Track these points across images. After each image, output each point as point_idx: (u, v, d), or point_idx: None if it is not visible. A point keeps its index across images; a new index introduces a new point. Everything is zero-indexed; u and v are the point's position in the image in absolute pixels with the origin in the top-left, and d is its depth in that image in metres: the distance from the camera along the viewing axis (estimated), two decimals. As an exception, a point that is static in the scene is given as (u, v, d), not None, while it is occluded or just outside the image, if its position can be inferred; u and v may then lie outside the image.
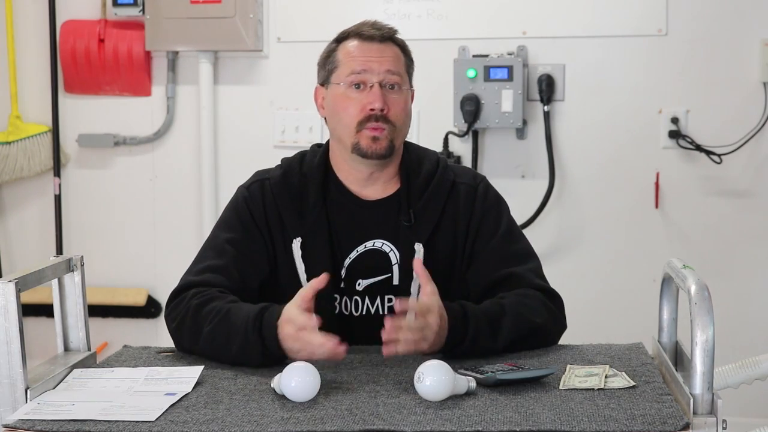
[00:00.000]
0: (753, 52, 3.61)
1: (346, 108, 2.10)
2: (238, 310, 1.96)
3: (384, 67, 2.09)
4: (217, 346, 1.94)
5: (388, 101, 2.09)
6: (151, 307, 4.06)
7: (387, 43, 2.13)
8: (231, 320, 1.94)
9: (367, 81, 2.09)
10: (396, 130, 2.10)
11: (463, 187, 2.17)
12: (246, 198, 2.16)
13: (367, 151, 2.09)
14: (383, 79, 2.09)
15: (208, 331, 1.95)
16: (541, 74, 3.71)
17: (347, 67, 2.10)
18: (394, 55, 2.13)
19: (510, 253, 2.13)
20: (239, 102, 3.97)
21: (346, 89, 2.10)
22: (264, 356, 1.89)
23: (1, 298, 1.70)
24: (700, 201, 3.69)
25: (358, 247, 2.13)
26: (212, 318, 1.96)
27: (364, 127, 2.08)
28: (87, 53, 3.97)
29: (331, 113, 2.14)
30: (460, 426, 1.54)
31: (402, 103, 2.12)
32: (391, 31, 2.15)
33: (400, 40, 2.17)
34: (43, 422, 1.59)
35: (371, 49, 2.11)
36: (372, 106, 2.07)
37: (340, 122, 2.11)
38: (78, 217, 4.09)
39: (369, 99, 2.08)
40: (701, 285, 1.62)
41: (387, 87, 2.10)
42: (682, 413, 1.57)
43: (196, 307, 1.99)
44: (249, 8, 3.83)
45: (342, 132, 2.11)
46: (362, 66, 2.09)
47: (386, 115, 2.08)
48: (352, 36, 2.13)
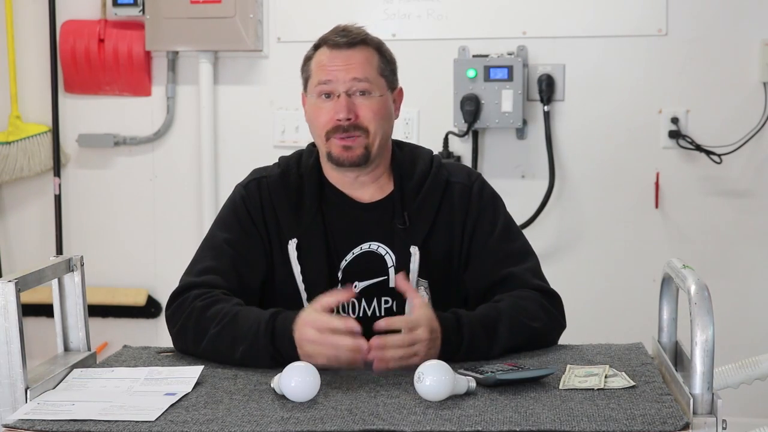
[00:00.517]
0: (753, 52, 3.61)
1: (317, 117, 2.11)
2: (248, 312, 1.96)
3: (350, 76, 2.08)
4: (222, 349, 1.93)
5: (357, 108, 2.08)
6: (151, 307, 4.06)
7: (356, 48, 2.11)
8: (239, 323, 1.93)
9: (334, 91, 2.09)
10: (371, 135, 2.09)
11: (457, 186, 2.16)
12: (244, 197, 2.16)
13: (340, 160, 2.09)
14: (349, 88, 2.08)
15: (214, 333, 1.94)
16: (541, 74, 3.71)
17: (315, 77, 2.11)
18: (363, 60, 2.10)
19: (507, 252, 2.13)
20: (239, 102, 3.97)
21: (317, 99, 2.11)
22: (273, 360, 1.88)
23: (1, 298, 1.70)
24: (700, 201, 3.69)
25: (354, 249, 2.12)
26: (219, 320, 1.95)
27: (332, 136, 2.09)
28: (87, 53, 3.97)
29: (308, 121, 2.16)
30: (460, 426, 1.54)
31: (374, 107, 2.10)
32: (360, 35, 2.12)
33: (374, 41, 2.14)
34: (43, 422, 1.59)
35: (338, 57, 2.10)
36: (337, 117, 2.07)
37: (315, 131, 2.13)
38: (78, 217, 4.10)
39: (336, 109, 2.08)
40: (701, 285, 1.62)
41: (357, 94, 2.09)
42: (682, 413, 1.57)
43: (201, 308, 1.99)
44: (249, 8, 3.83)
45: (317, 140, 2.14)
46: (328, 76, 2.08)
47: (356, 122, 2.08)
48: (322, 44, 2.13)
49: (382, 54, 2.14)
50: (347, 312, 2.12)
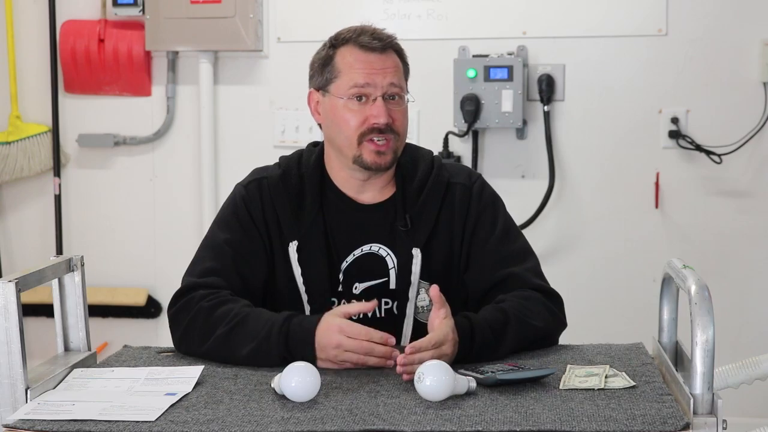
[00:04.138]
0: (753, 52, 3.61)
1: (348, 120, 2.08)
2: (259, 313, 1.97)
3: (387, 81, 2.07)
4: (229, 347, 1.93)
5: (391, 113, 2.07)
6: (151, 307, 4.06)
7: (388, 53, 2.11)
8: (250, 324, 1.94)
9: (370, 94, 2.07)
10: (399, 140, 2.10)
11: (458, 187, 2.16)
12: (244, 197, 2.15)
13: (371, 165, 2.08)
14: (386, 92, 2.08)
15: (222, 333, 1.94)
16: (541, 74, 3.70)
17: (349, 79, 2.08)
18: (395, 65, 2.11)
19: (508, 253, 2.13)
20: (239, 102, 3.97)
21: (347, 101, 2.08)
22: (283, 360, 1.85)
23: (1, 298, 1.70)
24: (700, 201, 3.69)
25: (354, 251, 2.12)
26: (229, 320, 1.95)
27: (365, 139, 2.07)
28: (87, 53, 3.97)
29: (329, 123, 2.12)
30: (460, 426, 1.54)
31: (404, 112, 2.11)
32: (391, 39, 2.12)
33: (398, 45, 2.14)
34: (43, 422, 1.59)
35: (373, 61, 2.08)
36: (376, 121, 2.06)
37: (341, 133, 2.09)
38: (78, 217, 4.09)
39: (372, 112, 2.06)
40: (701, 285, 1.62)
41: (388, 98, 2.08)
42: (682, 413, 1.57)
43: (209, 308, 1.99)
44: (249, 8, 3.82)
45: (342, 143, 2.10)
46: (365, 80, 2.07)
47: (391, 125, 2.08)
48: (351, 43, 2.10)
49: (403, 60, 2.15)
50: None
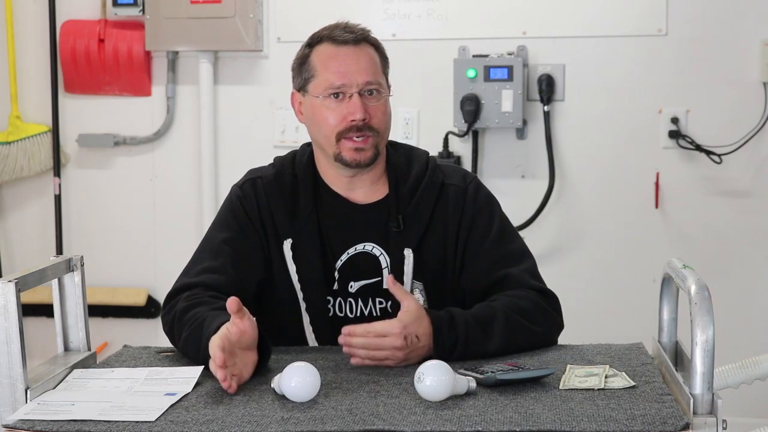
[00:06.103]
0: (753, 52, 3.61)
1: (326, 119, 2.08)
2: (214, 318, 1.87)
3: (362, 76, 2.06)
4: (189, 354, 1.92)
5: (368, 109, 2.07)
6: (151, 307, 4.06)
7: (361, 45, 2.10)
8: (203, 330, 1.86)
9: (346, 91, 2.06)
10: (379, 136, 2.09)
11: (452, 188, 2.15)
12: (240, 197, 2.16)
13: (351, 162, 2.08)
14: (362, 89, 2.07)
15: (185, 336, 1.93)
16: (541, 74, 3.71)
17: (324, 78, 2.07)
18: (370, 59, 2.09)
19: (503, 254, 2.12)
20: (239, 102, 3.97)
21: (324, 99, 2.08)
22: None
23: (1, 298, 1.70)
24: (700, 201, 3.69)
25: (348, 250, 2.12)
26: (190, 324, 1.93)
27: (344, 137, 2.07)
28: (87, 53, 3.97)
29: (310, 122, 2.13)
30: (460, 426, 1.54)
31: (383, 107, 2.10)
32: (365, 32, 2.11)
33: (374, 39, 2.13)
34: (43, 422, 1.59)
35: (347, 55, 2.07)
36: (353, 117, 2.05)
37: (321, 132, 2.10)
38: (78, 217, 4.10)
39: (349, 110, 2.06)
40: (701, 285, 1.62)
41: (366, 94, 2.07)
42: (682, 413, 1.57)
43: (182, 311, 1.98)
44: (249, 8, 3.83)
45: (323, 142, 2.10)
46: (340, 79, 2.06)
47: (369, 123, 2.06)
48: (325, 40, 2.10)
49: (380, 53, 2.14)
50: (344, 312, 2.12)
